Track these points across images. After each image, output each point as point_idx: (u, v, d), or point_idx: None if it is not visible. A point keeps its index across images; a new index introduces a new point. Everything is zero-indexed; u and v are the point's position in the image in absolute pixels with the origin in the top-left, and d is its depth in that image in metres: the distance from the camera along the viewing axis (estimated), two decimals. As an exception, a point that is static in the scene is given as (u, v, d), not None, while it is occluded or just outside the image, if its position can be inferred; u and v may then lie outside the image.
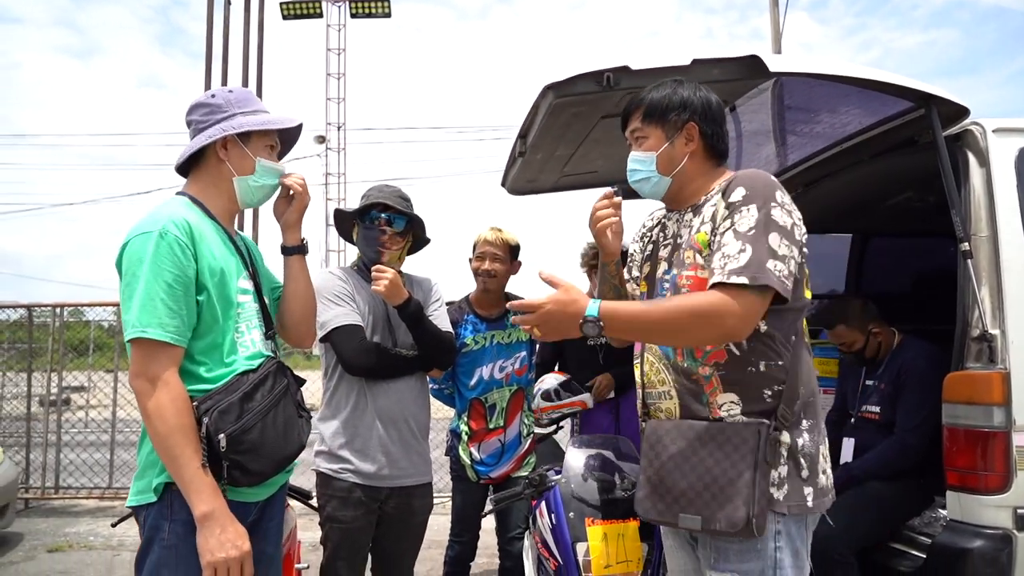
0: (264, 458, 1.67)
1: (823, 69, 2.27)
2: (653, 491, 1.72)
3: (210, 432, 1.57)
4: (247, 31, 6.45)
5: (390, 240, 2.50)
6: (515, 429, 3.09)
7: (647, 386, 1.86)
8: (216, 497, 1.58)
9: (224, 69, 6.52)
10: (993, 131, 2.45)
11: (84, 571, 4.62)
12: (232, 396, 1.63)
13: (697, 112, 1.82)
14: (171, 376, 1.59)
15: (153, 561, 1.62)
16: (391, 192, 2.58)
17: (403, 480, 2.47)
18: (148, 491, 1.63)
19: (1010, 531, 2.18)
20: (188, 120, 1.84)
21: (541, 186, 3.85)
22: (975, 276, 2.33)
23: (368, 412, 2.43)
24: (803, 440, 1.67)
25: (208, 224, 1.76)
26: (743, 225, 1.62)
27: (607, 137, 3.03)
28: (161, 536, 1.61)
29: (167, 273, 1.60)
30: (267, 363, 1.78)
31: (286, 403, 1.77)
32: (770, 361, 1.67)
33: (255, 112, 1.83)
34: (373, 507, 2.44)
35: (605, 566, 2.13)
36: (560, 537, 2.22)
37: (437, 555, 4.13)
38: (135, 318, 1.58)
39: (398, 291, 2.39)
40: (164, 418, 1.55)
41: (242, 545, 1.59)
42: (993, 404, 2.23)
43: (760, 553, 1.62)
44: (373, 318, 2.52)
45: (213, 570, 1.56)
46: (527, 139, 2.86)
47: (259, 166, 1.83)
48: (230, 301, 1.73)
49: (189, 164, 1.83)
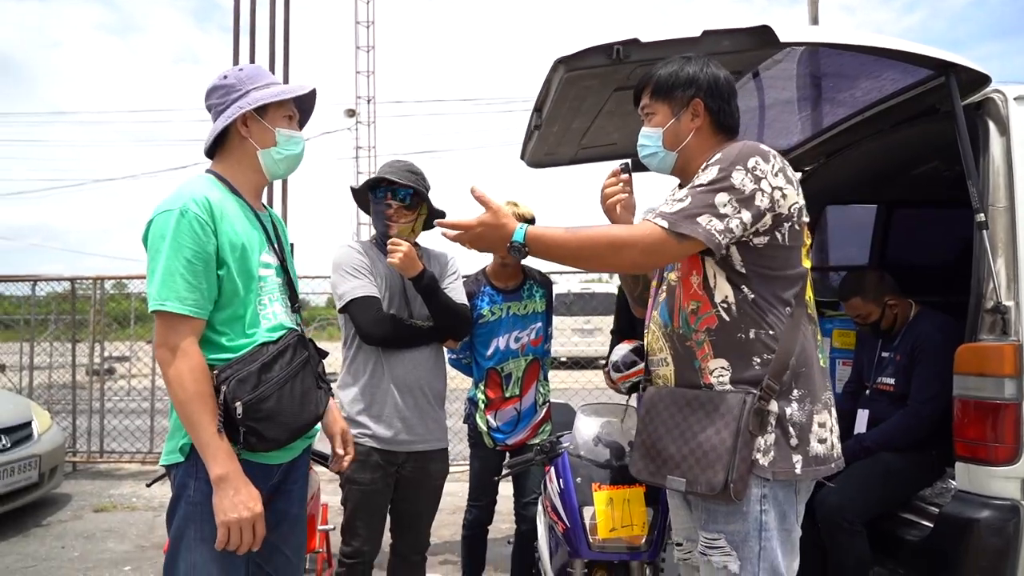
0: (280, 426, 1.74)
1: (834, 38, 2.24)
2: (646, 453, 1.82)
3: (227, 400, 1.65)
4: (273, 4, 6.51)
5: (396, 214, 2.56)
6: (531, 398, 3.15)
7: (649, 353, 1.93)
8: (230, 461, 1.65)
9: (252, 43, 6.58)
10: (1015, 98, 2.40)
11: (127, 530, 4.86)
12: (251, 366, 1.70)
13: (703, 88, 1.85)
14: (190, 346, 1.67)
15: (181, 516, 1.72)
16: (400, 167, 2.62)
17: (419, 445, 2.55)
18: (176, 451, 1.73)
19: (1018, 502, 2.18)
20: (208, 105, 1.90)
21: (560, 159, 3.87)
22: (991, 247, 2.30)
23: (385, 380, 2.52)
24: (791, 409, 1.69)
25: (232, 200, 1.82)
26: (697, 180, 1.72)
27: (622, 109, 3.03)
28: (188, 493, 1.71)
29: (186, 249, 1.67)
30: (288, 335, 1.84)
31: (305, 374, 1.83)
32: (760, 329, 1.71)
33: (267, 86, 1.88)
34: (391, 470, 2.53)
35: (610, 529, 2.19)
36: (568, 501, 2.28)
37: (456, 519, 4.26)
38: (156, 292, 1.67)
39: (412, 263, 2.45)
40: (183, 385, 1.64)
41: (254, 507, 1.67)
42: (1005, 376, 2.22)
43: (746, 516, 1.68)
44: (390, 290, 2.58)
45: (227, 529, 1.64)
46: (542, 112, 2.87)
47: (279, 136, 1.89)
48: (251, 275, 1.79)
49: (215, 145, 1.90)
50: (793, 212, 1.73)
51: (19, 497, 4.89)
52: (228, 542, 1.65)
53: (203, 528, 1.69)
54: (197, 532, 1.69)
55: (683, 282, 1.80)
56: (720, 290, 1.73)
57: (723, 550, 1.70)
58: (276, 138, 1.89)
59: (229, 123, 1.84)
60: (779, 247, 1.72)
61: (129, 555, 4.34)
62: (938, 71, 2.42)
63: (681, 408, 1.74)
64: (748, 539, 1.68)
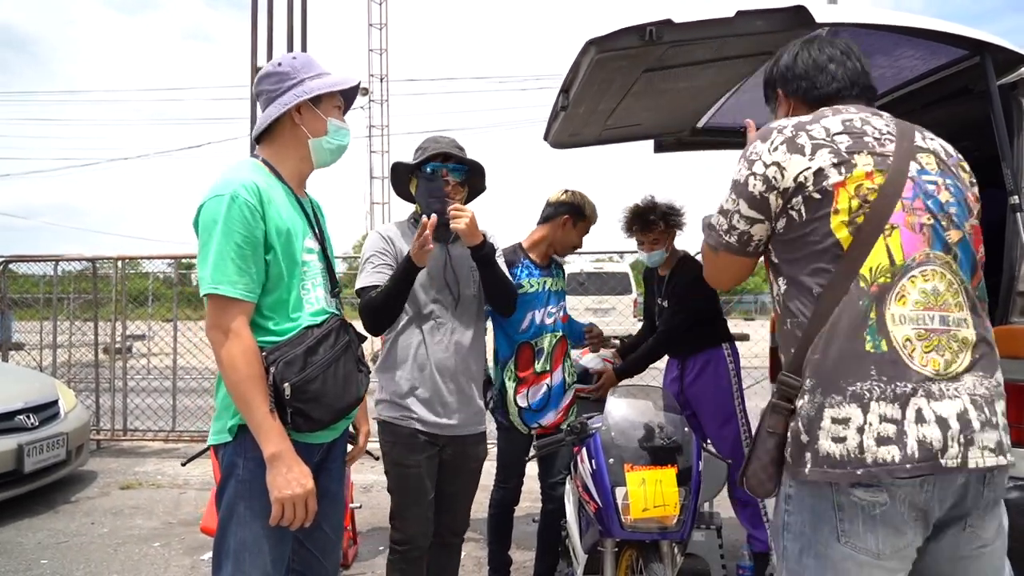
0: (324, 407, 1.78)
1: (871, 19, 2.22)
2: None
3: (276, 381, 1.69)
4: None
5: (453, 190, 2.52)
6: (560, 375, 3.17)
7: None
8: (283, 439, 1.70)
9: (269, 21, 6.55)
10: (1051, 79, 2.38)
11: (154, 506, 4.95)
12: (297, 349, 1.74)
13: (778, 82, 1.82)
14: (242, 328, 1.71)
15: (231, 494, 1.77)
16: (448, 142, 2.58)
17: (460, 430, 2.55)
18: (224, 431, 1.77)
19: (1049, 483, 2.19)
20: (259, 91, 1.92)
21: (584, 140, 3.87)
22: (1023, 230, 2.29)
23: (428, 364, 2.50)
24: (802, 401, 1.50)
25: (278, 187, 1.85)
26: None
27: (649, 90, 3.02)
28: (237, 472, 1.75)
29: (237, 234, 1.71)
30: (331, 319, 1.88)
31: (347, 358, 1.87)
32: (793, 319, 1.58)
33: (319, 75, 1.91)
34: (433, 452, 2.52)
35: (643, 509, 2.22)
36: (600, 482, 2.31)
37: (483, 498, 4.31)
38: (209, 275, 1.70)
39: (477, 230, 2.40)
40: (236, 367, 1.68)
41: (306, 483, 1.71)
42: (1036, 359, 2.22)
43: (777, 511, 1.62)
44: (429, 268, 2.48)
45: (281, 505, 1.69)
46: (569, 94, 2.87)
47: (331, 126, 1.92)
48: (295, 260, 1.83)
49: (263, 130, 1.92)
50: (803, 181, 1.52)
51: (48, 474, 4.98)
52: (283, 517, 1.70)
53: (252, 505, 1.74)
54: (247, 509, 1.74)
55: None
56: (775, 287, 1.66)
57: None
58: (328, 127, 1.91)
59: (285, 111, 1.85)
60: (796, 225, 1.53)
61: (157, 531, 4.43)
62: (972, 51, 2.41)
63: None
64: (776, 534, 1.61)
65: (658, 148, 4.08)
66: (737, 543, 3.61)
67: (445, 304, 2.55)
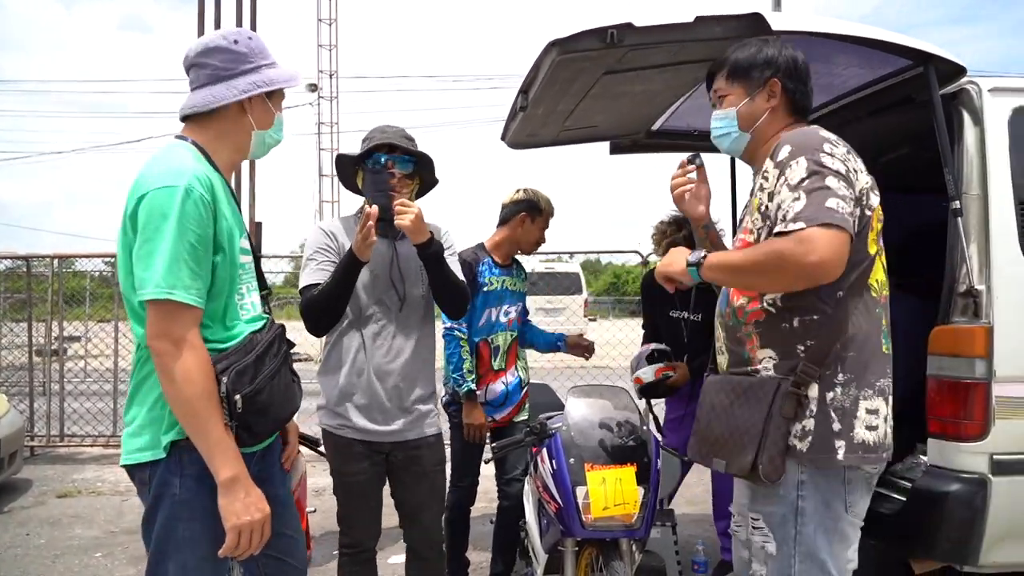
0: (268, 420, 1.68)
1: (825, 28, 2.29)
2: (701, 437, 1.90)
3: (229, 392, 1.55)
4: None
5: (400, 183, 2.37)
6: (515, 374, 3.26)
7: (716, 342, 1.99)
8: (239, 461, 1.56)
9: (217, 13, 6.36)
10: (988, 90, 2.49)
11: (94, 515, 4.76)
12: (247, 357, 1.61)
13: (781, 69, 1.87)
14: (195, 338, 1.55)
15: (165, 516, 1.60)
16: (395, 132, 2.44)
17: (404, 435, 2.44)
18: (154, 448, 1.60)
19: (986, 476, 2.30)
20: (201, 63, 1.71)
21: (541, 140, 3.87)
22: (964, 233, 2.40)
23: (366, 369, 2.39)
24: (833, 394, 1.68)
25: (217, 178, 1.68)
26: (794, 177, 1.67)
27: (608, 93, 3.05)
28: (172, 492, 1.59)
29: (191, 233, 1.54)
30: (272, 325, 1.76)
31: (286, 366, 1.76)
32: (805, 316, 1.71)
33: (274, 65, 1.78)
34: (377, 459, 2.43)
35: (604, 508, 2.24)
36: (561, 482, 2.32)
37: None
38: (160, 278, 1.51)
39: (423, 227, 2.26)
40: (192, 381, 1.51)
41: (264, 507, 1.60)
42: (976, 357, 2.33)
43: (782, 500, 1.71)
44: (373, 267, 2.37)
45: (237, 533, 1.55)
46: (529, 94, 2.87)
47: (277, 120, 1.82)
48: (235, 262, 1.69)
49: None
50: (861, 194, 1.70)
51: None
52: (237, 547, 1.57)
53: (193, 527, 1.60)
54: (186, 532, 1.60)
55: None
56: None
57: (762, 531, 1.76)
58: (275, 121, 1.81)
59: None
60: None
61: (99, 541, 4.26)
62: (917, 62, 2.49)
63: (728, 393, 1.82)
64: (785, 523, 1.71)
65: (614, 150, 4.12)
66: (691, 539, 3.69)
67: (389, 305, 2.43)
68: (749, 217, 1.84)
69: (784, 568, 1.72)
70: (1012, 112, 2.48)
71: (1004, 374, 2.31)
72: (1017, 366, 2.33)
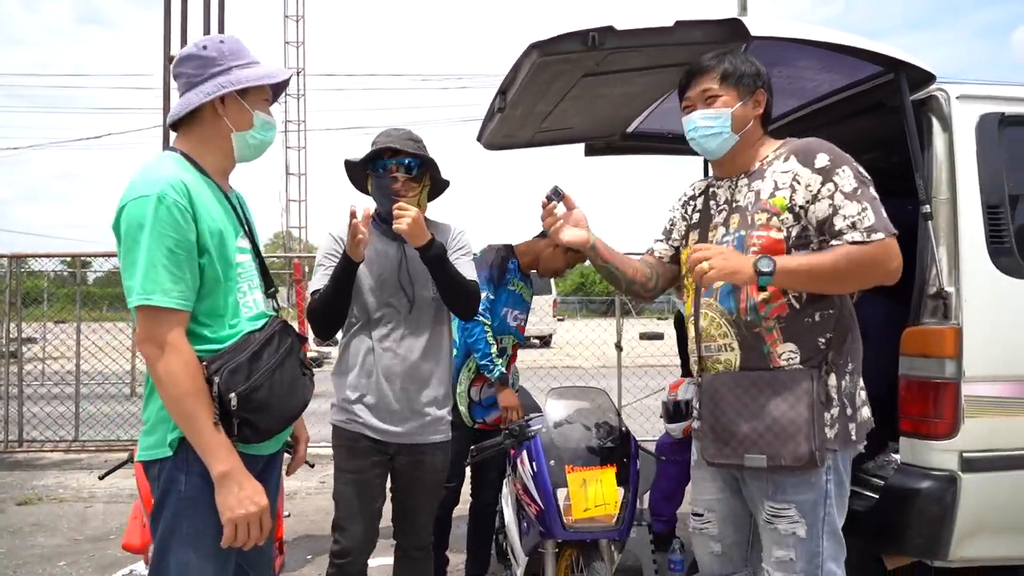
0: (272, 415, 1.70)
1: (803, 34, 2.33)
2: (717, 438, 1.93)
3: (221, 391, 1.59)
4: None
5: (404, 187, 2.35)
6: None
7: (705, 340, 1.99)
8: (232, 456, 1.60)
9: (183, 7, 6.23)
10: (957, 97, 2.55)
11: (57, 523, 4.63)
12: (241, 356, 1.64)
13: (765, 83, 2.01)
14: (179, 340, 1.59)
15: (172, 513, 1.64)
16: (400, 135, 2.41)
17: (411, 438, 2.40)
18: (163, 446, 1.64)
19: (955, 473, 2.36)
20: (177, 72, 1.78)
21: (517, 141, 3.88)
22: (934, 237, 2.46)
23: (375, 371, 2.38)
24: (846, 382, 1.88)
25: (203, 183, 1.72)
26: (846, 186, 1.83)
27: (585, 95, 3.06)
28: (178, 488, 1.63)
29: (168, 238, 1.58)
30: (272, 322, 1.79)
31: (291, 362, 1.78)
32: (824, 311, 1.87)
33: (249, 64, 1.79)
34: (382, 459, 2.40)
35: (584, 509, 2.25)
36: (541, 484, 2.32)
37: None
38: (139, 285, 1.57)
39: (421, 230, 2.22)
40: (177, 383, 1.56)
41: (260, 500, 1.62)
42: (946, 357, 2.39)
43: (814, 486, 1.85)
44: (382, 271, 2.39)
45: (234, 526, 1.59)
46: (507, 95, 2.87)
47: (257, 120, 1.80)
48: (230, 262, 1.72)
49: (181, 119, 1.78)
50: None
51: (-67, 491, 4.59)
52: (236, 539, 1.60)
53: (197, 524, 1.63)
54: (190, 528, 1.63)
55: None
56: None
57: (791, 518, 1.86)
58: (254, 121, 1.80)
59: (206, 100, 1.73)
60: None
61: (62, 549, 4.14)
62: (888, 68, 2.55)
63: (747, 390, 1.87)
64: (816, 507, 1.85)
65: (589, 152, 4.14)
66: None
67: (399, 307, 2.40)
68: (766, 216, 1.90)
69: (813, 548, 1.86)
70: (979, 119, 2.55)
71: (973, 374, 2.37)
72: (985, 366, 2.39)
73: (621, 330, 6.81)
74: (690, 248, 2.07)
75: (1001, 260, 2.48)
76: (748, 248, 1.90)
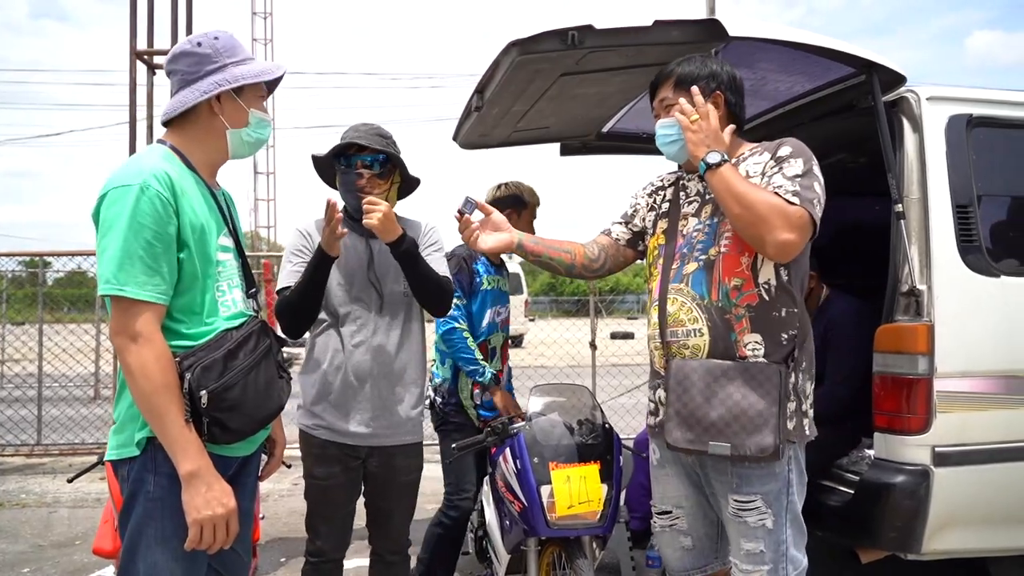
0: (244, 416, 1.67)
1: (779, 35, 2.36)
2: (683, 422, 1.93)
3: (192, 388, 1.56)
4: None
5: (369, 183, 2.31)
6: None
7: (673, 324, 1.99)
8: (201, 455, 1.57)
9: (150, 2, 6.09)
10: (927, 99, 2.61)
11: (19, 528, 4.49)
12: (216, 353, 1.62)
13: (724, 83, 2.03)
14: (152, 333, 1.56)
15: (139, 514, 1.61)
16: (368, 130, 2.36)
17: (382, 440, 2.35)
18: (130, 445, 1.62)
19: (928, 467, 2.41)
20: (171, 70, 1.76)
21: (492, 141, 3.86)
22: (906, 235, 2.51)
23: (343, 369, 2.32)
24: (801, 379, 1.96)
25: (190, 178, 1.71)
26: (791, 171, 1.88)
27: (563, 94, 3.06)
28: (146, 489, 1.60)
29: (147, 229, 1.56)
30: (250, 322, 1.76)
31: (267, 363, 1.75)
32: (788, 308, 1.93)
33: (244, 61, 1.77)
34: (352, 464, 2.35)
35: (568, 506, 2.25)
36: (525, 481, 2.32)
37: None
38: (112, 274, 1.54)
39: (392, 226, 2.17)
40: (148, 376, 1.53)
41: (228, 503, 1.60)
42: (918, 353, 2.44)
43: (777, 476, 1.91)
44: (350, 267, 2.34)
45: (199, 527, 1.56)
46: (484, 94, 2.86)
47: (252, 118, 1.79)
48: (210, 259, 1.70)
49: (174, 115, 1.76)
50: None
51: None
52: (200, 541, 1.57)
53: (164, 525, 1.60)
54: (158, 530, 1.60)
55: (726, 259, 1.93)
56: (764, 272, 1.92)
57: (759, 510, 1.90)
58: (249, 119, 1.79)
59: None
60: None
61: (26, 555, 4.03)
62: (861, 70, 2.59)
63: (717, 379, 1.88)
64: (779, 496, 1.91)
65: (564, 151, 4.14)
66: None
67: (368, 303, 2.35)
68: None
69: (779, 536, 1.92)
70: (948, 120, 2.60)
71: (945, 370, 2.42)
72: (957, 362, 2.45)
73: (596, 329, 6.84)
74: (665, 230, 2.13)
75: (970, 258, 2.54)
76: (720, 236, 1.95)
